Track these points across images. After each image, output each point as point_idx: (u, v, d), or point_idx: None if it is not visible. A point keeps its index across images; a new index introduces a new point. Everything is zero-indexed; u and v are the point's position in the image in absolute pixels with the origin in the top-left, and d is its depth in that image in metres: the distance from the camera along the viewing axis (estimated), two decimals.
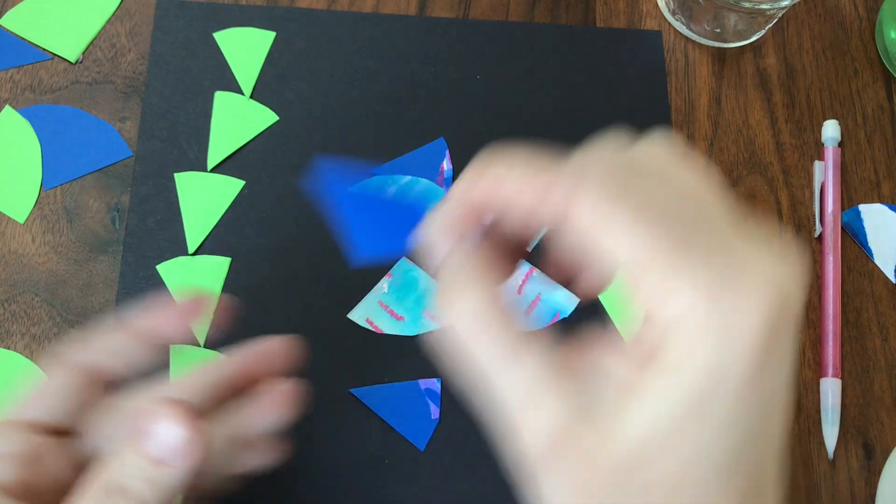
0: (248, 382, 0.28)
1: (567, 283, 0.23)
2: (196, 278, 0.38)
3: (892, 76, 0.47)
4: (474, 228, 0.21)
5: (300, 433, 0.36)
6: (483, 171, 0.21)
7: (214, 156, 0.40)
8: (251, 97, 0.42)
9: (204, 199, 0.39)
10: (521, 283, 0.38)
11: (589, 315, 0.38)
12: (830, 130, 0.44)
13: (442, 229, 0.22)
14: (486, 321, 0.20)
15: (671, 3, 0.46)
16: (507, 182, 0.20)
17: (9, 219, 0.39)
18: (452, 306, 0.20)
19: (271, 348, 0.29)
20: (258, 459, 0.29)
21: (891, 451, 0.38)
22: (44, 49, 0.42)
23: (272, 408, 0.27)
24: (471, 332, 0.20)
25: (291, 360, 0.29)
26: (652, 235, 0.18)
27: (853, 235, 0.43)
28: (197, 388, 0.27)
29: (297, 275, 0.38)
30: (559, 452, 0.19)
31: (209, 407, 0.27)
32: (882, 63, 0.47)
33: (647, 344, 0.19)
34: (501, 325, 0.20)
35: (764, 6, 0.42)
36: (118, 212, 0.39)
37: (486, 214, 0.21)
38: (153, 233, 0.39)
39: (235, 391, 0.28)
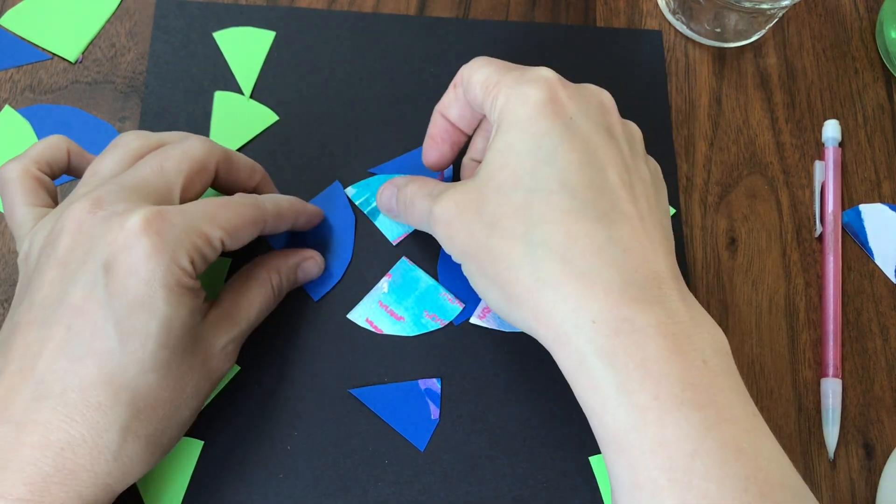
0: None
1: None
2: None
3: (893, 76, 0.47)
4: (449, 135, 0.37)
5: (300, 433, 0.36)
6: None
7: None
8: (251, 97, 0.42)
9: (204, 198, 0.39)
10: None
11: None
12: (831, 130, 0.44)
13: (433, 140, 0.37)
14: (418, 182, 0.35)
15: (671, 2, 0.46)
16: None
17: None
18: (409, 185, 0.35)
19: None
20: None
21: (891, 452, 0.38)
22: (43, 49, 0.42)
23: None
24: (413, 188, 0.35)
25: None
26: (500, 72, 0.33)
27: (853, 235, 0.43)
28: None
29: None
30: (458, 215, 0.31)
31: None
32: (882, 63, 0.47)
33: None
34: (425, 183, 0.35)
35: (764, 6, 0.42)
36: None
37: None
38: None
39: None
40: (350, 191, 0.40)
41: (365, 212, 0.40)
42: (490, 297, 0.31)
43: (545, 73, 0.32)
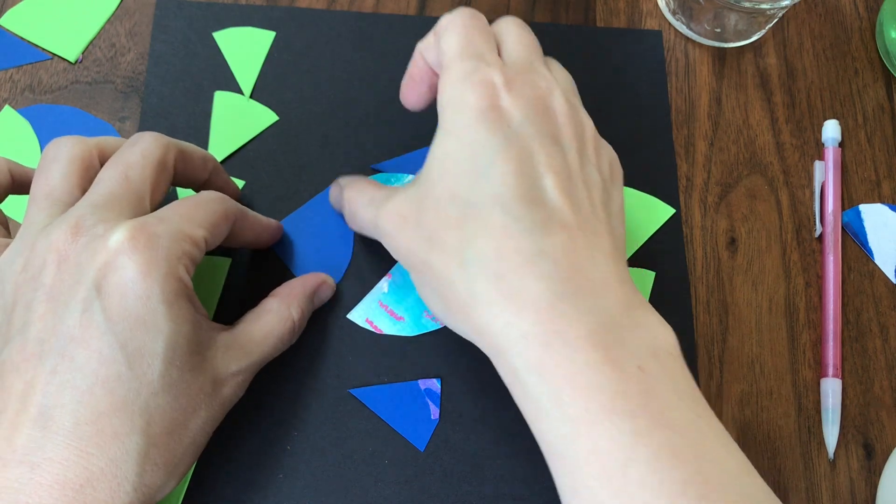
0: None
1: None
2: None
3: (893, 76, 0.47)
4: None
5: (300, 433, 0.36)
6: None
7: (214, 156, 0.40)
8: (251, 97, 0.42)
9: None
10: None
11: None
12: (831, 130, 0.44)
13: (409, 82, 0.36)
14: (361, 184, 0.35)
15: (671, 2, 0.46)
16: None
17: (9, 218, 0.39)
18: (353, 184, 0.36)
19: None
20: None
21: (891, 452, 0.38)
22: (43, 49, 0.42)
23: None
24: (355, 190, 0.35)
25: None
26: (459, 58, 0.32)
27: (853, 235, 0.43)
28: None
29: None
30: (403, 220, 0.31)
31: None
32: (882, 63, 0.47)
33: None
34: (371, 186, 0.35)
35: (764, 6, 0.42)
36: None
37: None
38: None
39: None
40: None
41: None
42: (434, 308, 0.32)
43: (493, 76, 0.31)
